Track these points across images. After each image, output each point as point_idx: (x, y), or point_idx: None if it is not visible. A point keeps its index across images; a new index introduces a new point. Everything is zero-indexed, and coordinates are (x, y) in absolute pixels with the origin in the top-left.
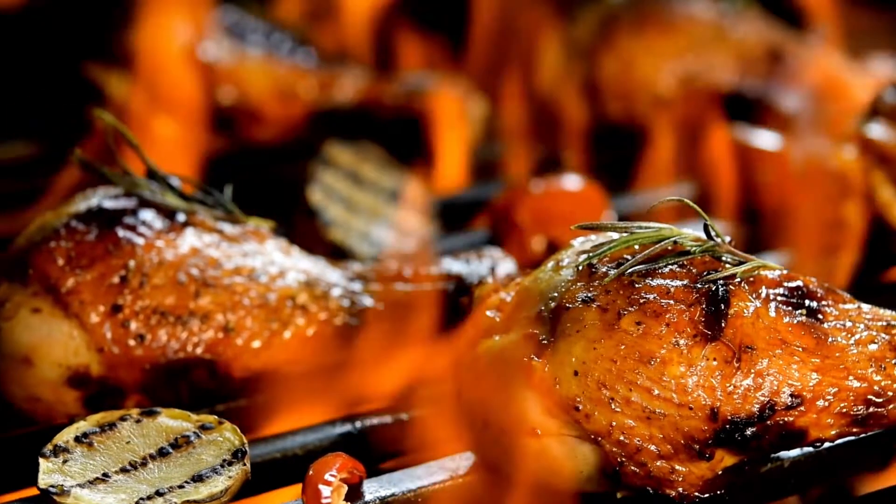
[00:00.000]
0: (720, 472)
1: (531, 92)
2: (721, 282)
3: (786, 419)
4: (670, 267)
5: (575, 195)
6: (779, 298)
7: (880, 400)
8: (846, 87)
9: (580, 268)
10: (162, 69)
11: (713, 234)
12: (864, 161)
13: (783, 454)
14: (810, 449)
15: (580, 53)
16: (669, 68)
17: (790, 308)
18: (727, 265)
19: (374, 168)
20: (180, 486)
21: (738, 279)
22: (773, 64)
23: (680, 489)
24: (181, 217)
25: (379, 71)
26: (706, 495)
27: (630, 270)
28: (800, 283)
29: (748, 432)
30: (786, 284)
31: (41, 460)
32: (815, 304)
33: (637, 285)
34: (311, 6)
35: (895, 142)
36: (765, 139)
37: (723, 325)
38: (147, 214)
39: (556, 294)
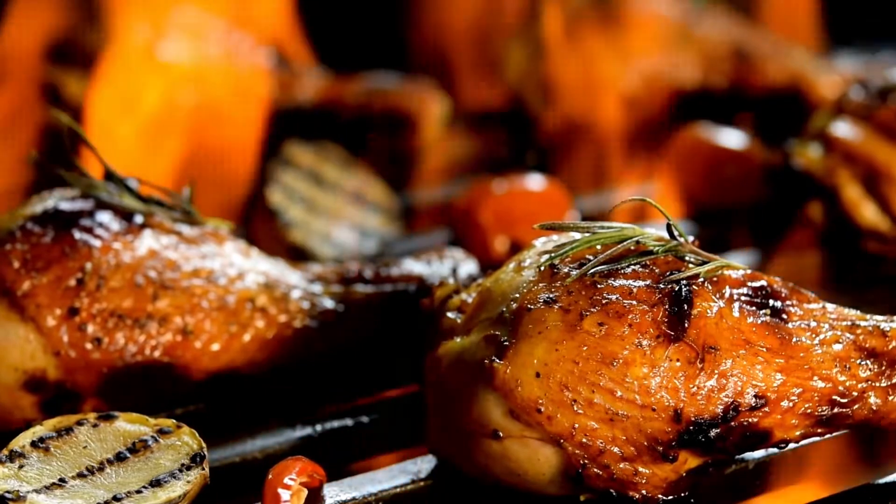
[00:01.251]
0: (684, 474)
1: (495, 90)
2: (684, 282)
3: (750, 420)
4: (633, 267)
5: (538, 195)
6: (742, 298)
7: (845, 400)
8: (812, 84)
9: (542, 268)
10: (121, 70)
11: (676, 233)
12: (830, 160)
13: (748, 455)
14: (775, 450)
15: (544, 52)
16: (633, 67)
17: (754, 308)
18: (690, 265)
19: (335, 168)
20: (138, 492)
21: (702, 279)
22: (738, 62)
23: (643, 491)
24: (139, 219)
25: (342, 70)
26: (670, 497)
27: (592, 271)
28: (764, 282)
29: (712, 433)
30: (749, 284)
31: None
32: (779, 303)
33: (599, 286)
34: None
35: (861, 140)
36: (729, 138)
37: (686, 325)
38: (104, 216)
39: (517, 295)
